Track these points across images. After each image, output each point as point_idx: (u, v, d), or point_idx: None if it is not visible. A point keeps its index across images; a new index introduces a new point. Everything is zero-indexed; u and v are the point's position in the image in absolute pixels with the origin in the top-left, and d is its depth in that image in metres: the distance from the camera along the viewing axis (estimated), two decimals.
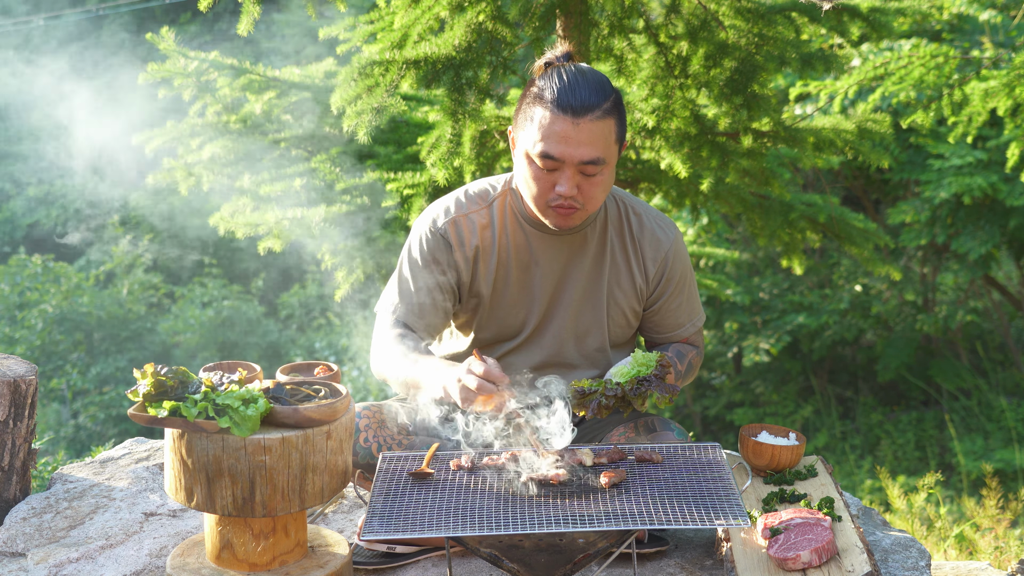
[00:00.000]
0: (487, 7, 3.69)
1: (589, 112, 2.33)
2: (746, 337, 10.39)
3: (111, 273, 12.81)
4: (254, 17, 3.51)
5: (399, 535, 2.08)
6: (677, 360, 2.65)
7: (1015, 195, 8.14)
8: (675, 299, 2.67)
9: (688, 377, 2.71)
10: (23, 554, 2.61)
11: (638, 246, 2.62)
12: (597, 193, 2.41)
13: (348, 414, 2.30)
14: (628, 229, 2.62)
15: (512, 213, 2.57)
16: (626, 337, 2.71)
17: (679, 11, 3.90)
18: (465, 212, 2.57)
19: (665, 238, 2.63)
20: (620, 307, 2.64)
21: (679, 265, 2.65)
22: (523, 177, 2.44)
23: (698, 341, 2.76)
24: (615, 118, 2.38)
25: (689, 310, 2.71)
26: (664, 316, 2.68)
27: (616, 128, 2.39)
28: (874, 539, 2.62)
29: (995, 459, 8.44)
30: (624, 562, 2.57)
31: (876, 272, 4.98)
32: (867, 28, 4.03)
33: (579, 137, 2.34)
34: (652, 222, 2.64)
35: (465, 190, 2.62)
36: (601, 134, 2.36)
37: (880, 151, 4.31)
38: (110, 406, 10.54)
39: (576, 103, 2.33)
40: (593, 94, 2.34)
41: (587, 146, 2.35)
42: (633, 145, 4.37)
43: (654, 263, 2.62)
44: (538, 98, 2.37)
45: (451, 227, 2.55)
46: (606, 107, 2.36)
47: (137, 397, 2.17)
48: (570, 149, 2.35)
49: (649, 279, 2.63)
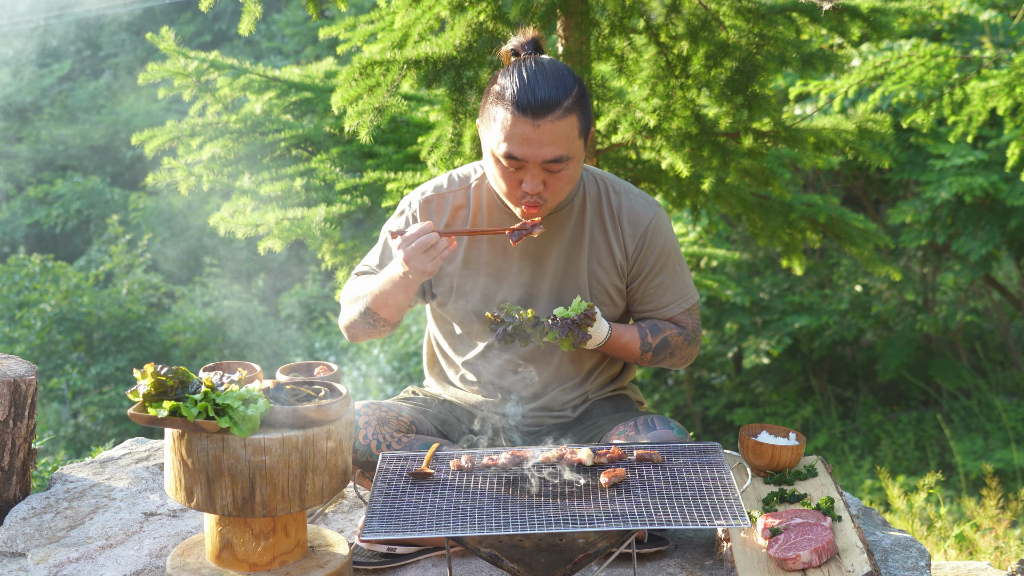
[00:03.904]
0: (488, 7, 3.69)
1: (549, 112, 2.34)
2: (746, 338, 10.39)
3: (111, 273, 12.80)
4: (255, 17, 3.51)
5: (399, 535, 2.08)
6: (649, 332, 2.62)
7: (1015, 195, 8.14)
8: (657, 277, 2.64)
9: (663, 354, 2.65)
10: (23, 554, 2.61)
11: (617, 222, 2.62)
12: (563, 187, 2.45)
13: (348, 414, 2.30)
14: (608, 205, 2.62)
15: (489, 194, 2.61)
16: (614, 317, 2.68)
17: (680, 11, 3.90)
18: (443, 192, 2.64)
19: (645, 213, 2.62)
20: (602, 284, 2.63)
21: (659, 241, 2.62)
22: (491, 173, 2.48)
23: (685, 322, 2.70)
24: (577, 113, 2.39)
25: (674, 290, 2.66)
26: (647, 295, 2.65)
27: (579, 122, 2.40)
28: (874, 539, 2.62)
29: (995, 459, 8.43)
30: (624, 562, 2.57)
31: (876, 272, 4.98)
32: (867, 28, 4.03)
33: (541, 138, 2.35)
34: (633, 199, 2.64)
35: (454, 172, 2.69)
36: (563, 132, 2.37)
37: (880, 151, 4.30)
38: (110, 406, 10.53)
39: (536, 104, 2.33)
40: (553, 92, 2.35)
41: (549, 146, 2.36)
42: (633, 145, 4.37)
43: (633, 239, 2.61)
44: (499, 97, 2.39)
45: (423, 206, 2.64)
46: (567, 104, 2.36)
47: (137, 397, 2.17)
48: (532, 150, 2.36)
49: (629, 254, 2.62)
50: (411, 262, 2.38)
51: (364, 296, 2.57)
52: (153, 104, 17.25)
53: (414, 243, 2.37)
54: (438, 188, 2.66)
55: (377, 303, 2.53)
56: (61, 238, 15.89)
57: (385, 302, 2.52)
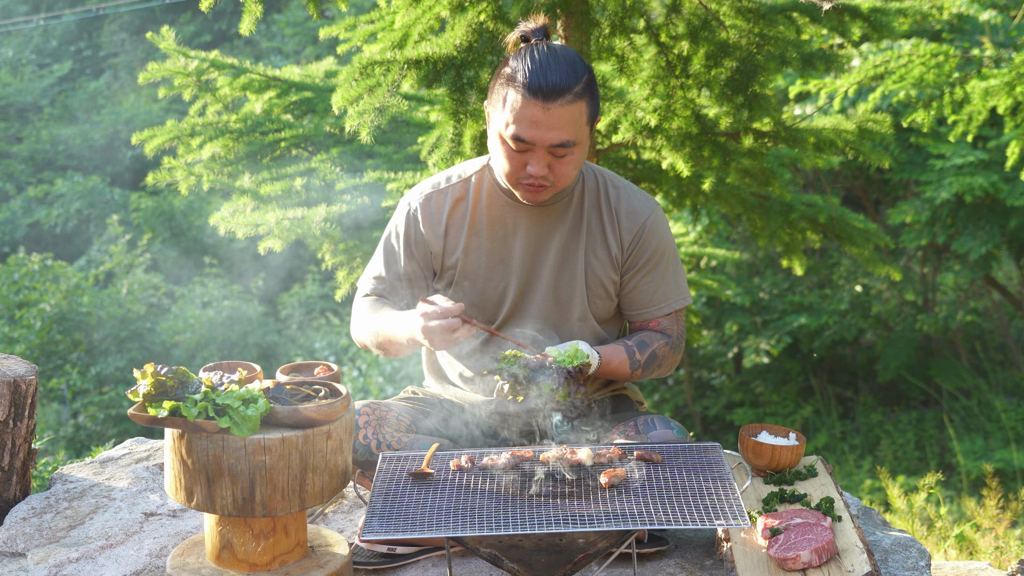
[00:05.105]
0: (488, 7, 3.69)
1: (560, 97, 2.35)
2: (746, 338, 10.39)
3: (111, 273, 12.80)
4: (256, 16, 3.51)
5: (399, 535, 2.08)
6: (637, 349, 2.62)
7: (1015, 195, 8.14)
8: (649, 274, 2.64)
9: (652, 367, 2.65)
10: (23, 554, 2.61)
11: (615, 216, 2.63)
12: (568, 171, 2.45)
13: (348, 414, 2.30)
14: (606, 199, 2.63)
15: (488, 185, 2.62)
16: (608, 311, 2.69)
17: (680, 11, 3.90)
18: (441, 188, 2.66)
19: (643, 209, 2.63)
20: (598, 276, 2.63)
21: (655, 238, 2.63)
22: (496, 154, 2.49)
23: (671, 328, 2.69)
24: (587, 99, 2.40)
25: (666, 290, 2.66)
26: (637, 291, 2.65)
27: (587, 109, 2.41)
28: (874, 539, 2.62)
29: (995, 459, 8.44)
30: (624, 562, 2.57)
31: (876, 272, 4.98)
32: (868, 28, 4.03)
33: (550, 122, 2.36)
34: (631, 195, 2.65)
35: (452, 168, 2.71)
36: (571, 117, 2.38)
37: (880, 151, 4.30)
38: (110, 406, 10.54)
39: (547, 87, 2.35)
40: (564, 77, 2.36)
41: (557, 130, 2.37)
42: (634, 145, 4.37)
43: (629, 232, 2.62)
44: (510, 79, 2.40)
45: (424, 204, 2.65)
46: (577, 90, 2.37)
47: (137, 397, 2.17)
48: (540, 133, 2.38)
49: (624, 248, 2.63)
50: (430, 337, 2.34)
51: (376, 333, 2.59)
52: (153, 104, 17.26)
53: (436, 323, 2.32)
54: (436, 185, 2.67)
55: (388, 347, 2.57)
56: (61, 238, 15.89)
57: (396, 351, 2.56)
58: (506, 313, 2.65)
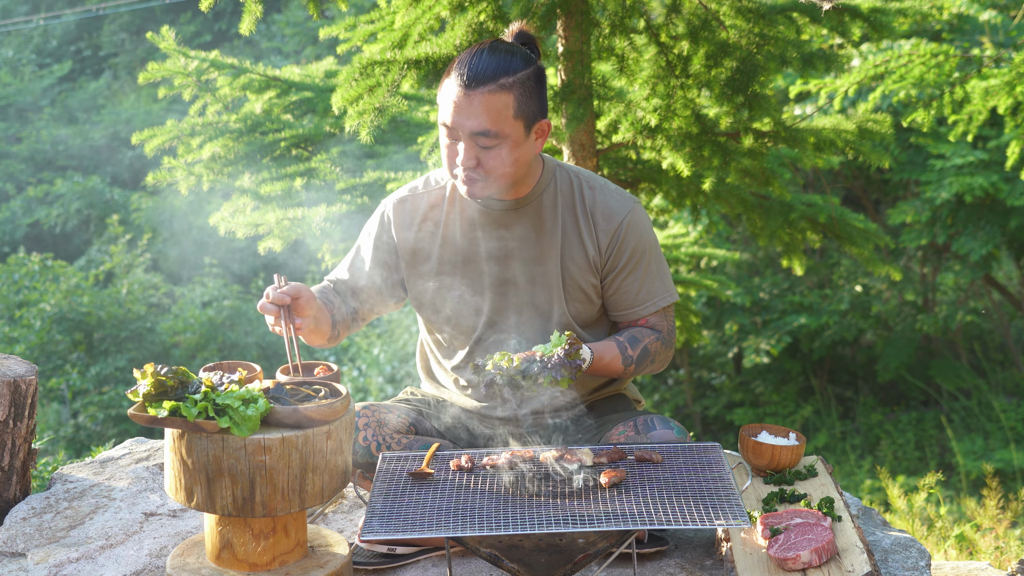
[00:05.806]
0: (488, 7, 3.69)
1: (482, 85, 2.35)
2: (746, 338, 10.39)
3: (111, 273, 12.80)
4: (256, 16, 3.51)
5: (399, 535, 2.08)
6: (628, 345, 2.58)
7: (1015, 195, 8.15)
8: (631, 274, 2.59)
9: (645, 363, 2.61)
10: (23, 554, 2.61)
11: (590, 217, 2.58)
12: (497, 166, 2.42)
13: (348, 414, 2.30)
14: (581, 201, 2.59)
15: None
16: (591, 315, 2.65)
17: (680, 11, 3.90)
18: (418, 193, 2.66)
19: (620, 208, 2.58)
20: (576, 281, 2.59)
21: (634, 237, 2.58)
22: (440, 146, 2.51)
23: (660, 324, 2.66)
24: (516, 93, 2.37)
25: (651, 289, 2.62)
26: (620, 292, 2.61)
27: (516, 104, 2.37)
28: (874, 539, 2.62)
29: (995, 459, 8.44)
30: (624, 562, 2.57)
31: (876, 272, 4.98)
32: (868, 28, 4.03)
33: (469, 108, 2.36)
34: (607, 195, 2.60)
35: (432, 173, 2.71)
36: (493, 107, 2.35)
37: (880, 151, 4.30)
38: (110, 406, 10.53)
39: (469, 73, 2.35)
40: (492, 66, 2.36)
41: (475, 118, 2.36)
42: (634, 145, 4.37)
43: (606, 234, 2.57)
44: (450, 67, 2.43)
45: (397, 207, 2.66)
46: (504, 81, 2.35)
47: (137, 397, 2.17)
48: (460, 119, 2.38)
49: (602, 250, 2.58)
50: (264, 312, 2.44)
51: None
52: (153, 104, 17.26)
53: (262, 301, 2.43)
54: (413, 189, 2.68)
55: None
56: (61, 238, 15.89)
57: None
58: (485, 320, 2.62)
